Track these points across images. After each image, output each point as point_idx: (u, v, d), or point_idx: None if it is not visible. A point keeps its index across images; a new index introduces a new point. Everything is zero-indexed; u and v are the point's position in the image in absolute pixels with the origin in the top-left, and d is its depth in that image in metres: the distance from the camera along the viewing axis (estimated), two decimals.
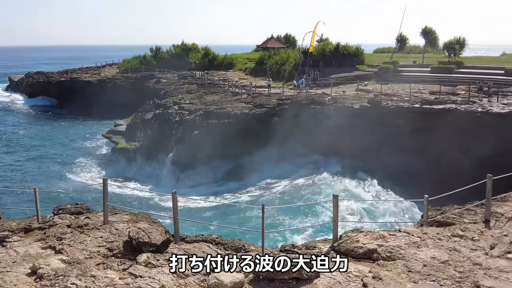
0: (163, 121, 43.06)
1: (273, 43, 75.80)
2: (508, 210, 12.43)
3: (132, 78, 71.85)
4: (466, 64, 54.51)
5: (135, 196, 34.79)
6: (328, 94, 42.14)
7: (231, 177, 36.80)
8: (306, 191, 33.43)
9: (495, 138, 30.63)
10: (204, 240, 10.94)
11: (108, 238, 10.63)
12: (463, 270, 8.97)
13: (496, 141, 30.48)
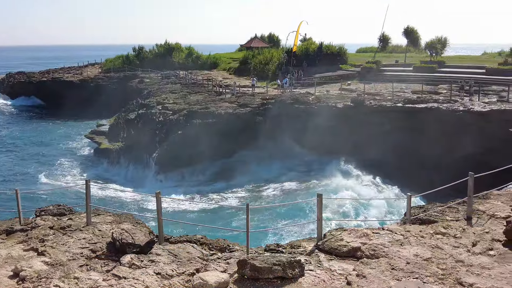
0: (146, 121, 42.80)
1: (256, 43, 75.82)
2: (489, 208, 12.61)
3: (115, 78, 71.31)
4: (448, 64, 55.20)
5: (118, 197, 34.52)
6: (312, 93, 42.31)
7: (216, 177, 36.72)
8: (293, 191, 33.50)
9: (477, 136, 31.08)
10: (188, 240, 10.92)
11: (91, 239, 10.54)
12: (445, 267, 9.08)
13: (477, 140, 30.93)
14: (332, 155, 36.35)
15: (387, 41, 74.31)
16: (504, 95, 36.22)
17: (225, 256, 10.20)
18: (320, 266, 9.31)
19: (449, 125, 32.78)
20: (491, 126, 31.43)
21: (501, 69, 47.53)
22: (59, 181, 38.39)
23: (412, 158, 33.38)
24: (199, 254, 10.01)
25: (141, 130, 42.15)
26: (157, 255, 9.77)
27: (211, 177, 36.78)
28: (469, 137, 31.16)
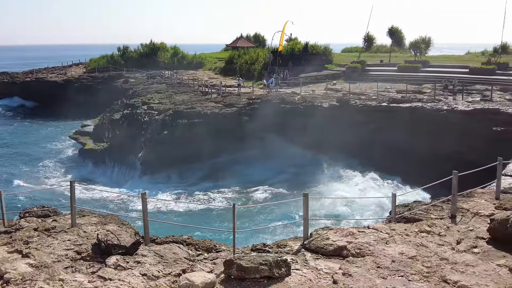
0: (131, 121, 42.55)
1: (242, 43, 75.82)
2: (473, 206, 12.75)
3: (99, 78, 70.78)
4: (432, 63, 55.73)
5: (103, 198, 34.27)
6: (297, 93, 42.41)
7: (202, 177, 36.61)
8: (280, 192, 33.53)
9: (461, 135, 31.43)
10: (174, 241, 10.86)
11: (76, 241, 10.44)
12: (430, 265, 9.16)
13: (461, 138, 31.28)
14: (320, 155, 36.50)
15: (371, 41, 74.70)
16: (488, 94, 36.65)
17: (211, 256, 10.18)
18: (306, 265, 9.34)
19: (434, 124, 33.10)
20: (474, 125, 31.79)
21: (484, 69, 48.12)
22: (43, 183, 38.01)
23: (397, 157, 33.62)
24: (185, 255, 9.98)
25: (126, 130, 41.90)
26: (143, 256, 9.71)
27: (197, 178, 36.66)
28: (453, 136, 31.50)
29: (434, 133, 32.77)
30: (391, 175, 33.60)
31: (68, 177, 38.24)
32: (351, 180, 34.14)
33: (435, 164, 30.59)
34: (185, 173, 36.93)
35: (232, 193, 34.10)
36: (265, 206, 31.02)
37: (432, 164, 31.20)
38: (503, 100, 34.65)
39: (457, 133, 31.64)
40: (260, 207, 30.80)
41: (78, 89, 67.80)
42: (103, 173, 39.55)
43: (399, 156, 33.48)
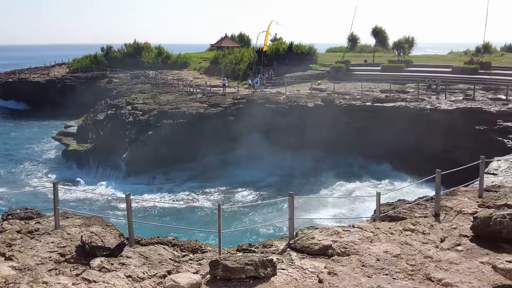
0: (115, 121, 42.24)
1: (227, 42, 75.75)
2: (457, 204, 12.89)
3: (82, 78, 70.17)
4: (415, 63, 56.27)
5: (87, 199, 33.97)
6: (282, 93, 42.48)
7: (188, 178, 36.48)
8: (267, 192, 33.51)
9: (444, 134, 31.77)
10: (159, 242, 10.80)
11: (60, 243, 10.33)
12: (414, 263, 9.24)
13: (445, 137, 31.62)
14: (306, 154, 36.60)
15: (356, 41, 75.18)
16: (470, 93, 37.10)
17: (197, 257, 10.14)
18: (292, 265, 9.35)
19: (417, 123, 33.39)
20: (457, 124, 32.16)
21: (467, 68, 48.71)
22: (26, 184, 37.55)
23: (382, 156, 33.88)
24: (170, 256, 9.93)
25: (110, 131, 41.59)
26: (127, 257, 9.64)
27: (182, 178, 36.51)
28: (437, 135, 31.83)
29: (417, 132, 33.07)
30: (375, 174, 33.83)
31: (51, 179, 37.82)
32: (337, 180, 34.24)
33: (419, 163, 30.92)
34: (170, 173, 36.75)
35: (218, 194, 34.03)
36: (251, 206, 31.02)
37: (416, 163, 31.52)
38: (485, 99, 35.10)
39: (440, 132, 31.98)
40: (246, 208, 30.79)
41: (61, 89, 67.21)
42: (87, 174, 39.20)
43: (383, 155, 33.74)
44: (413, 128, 33.17)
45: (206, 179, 35.90)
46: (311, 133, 35.10)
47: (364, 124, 35.28)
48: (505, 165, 19.55)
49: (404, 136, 33.01)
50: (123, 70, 68.87)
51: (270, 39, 60.79)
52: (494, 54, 63.93)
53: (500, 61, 55.93)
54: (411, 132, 33.09)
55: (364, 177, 33.96)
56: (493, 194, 13.95)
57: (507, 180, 16.62)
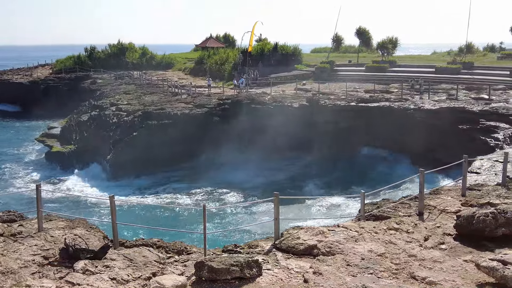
0: (99, 123, 41.90)
1: (212, 43, 75.59)
2: (440, 203, 13.01)
3: (66, 79, 69.41)
4: (399, 63, 56.73)
5: (71, 201, 33.63)
6: (268, 93, 42.53)
7: (173, 179, 36.32)
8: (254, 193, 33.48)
9: (428, 133, 32.06)
10: (144, 244, 10.74)
11: (43, 246, 10.22)
12: (399, 262, 9.31)
13: (428, 137, 31.91)
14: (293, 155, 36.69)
15: (340, 41, 75.59)
16: (453, 93, 37.49)
17: (182, 258, 10.11)
18: (277, 265, 9.36)
19: (401, 123, 33.66)
20: (440, 123, 32.48)
21: (450, 68, 49.24)
22: (8, 186, 37.06)
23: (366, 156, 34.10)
24: (155, 258, 9.88)
25: (94, 132, 41.25)
26: (112, 260, 9.57)
27: (167, 180, 36.34)
28: (421, 134, 32.11)
29: (401, 131, 33.33)
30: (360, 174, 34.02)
31: (34, 181, 37.39)
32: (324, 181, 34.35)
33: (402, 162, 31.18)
34: (154, 175, 36.52)
35: (203, 195, 33.91)
36: (236, 207, 30.98)
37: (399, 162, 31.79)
38: (468, 99, 35.49)
39: (424, 131, 32.26)
40: (232, 208, 30.75)
41: (44, 90, 66.48)
42: (71, 176, 38.81)
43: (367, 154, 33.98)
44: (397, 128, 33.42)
45: (191, 180, 35.75)
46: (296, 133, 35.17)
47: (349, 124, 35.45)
48: (488, 164, 19.80)
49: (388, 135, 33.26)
50: (107, 71, 68.32)
51: (255, 39, 60.92)
52: (477, 54, 64.77)
53: (483, 61, 56.66)
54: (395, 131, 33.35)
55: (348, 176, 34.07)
56: (476, 193, 14.12)
57: (489, 179, 16.83)
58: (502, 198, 13.25)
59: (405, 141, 32.92)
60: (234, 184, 34.92)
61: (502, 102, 33.34)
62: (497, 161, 19.62)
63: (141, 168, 36.03)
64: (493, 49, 75.31)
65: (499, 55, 62.69)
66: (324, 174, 34.97)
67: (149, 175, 36.37)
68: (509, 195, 13.66)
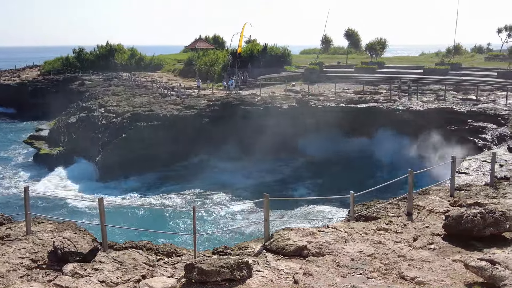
0: (88, 124, 41.66)
1: (201, 44, 75.50)
2: (429, 203, 13.10)
3: (54, 81, 68.88)
4: (388, 64, 57.03)
5: (59, 204, 33.38)
6: (257, 94, 42.54)
7: (162, 181, 36.19)
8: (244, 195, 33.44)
9: (416, 134, 32.27)
10: (133, 246, 10.69)
11: (32, 249, 10.13)
12: (388, 262, 9.35)
13: (416, 137, 32.12)
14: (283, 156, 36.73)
15: (329, 43, 75.94)
16: (441, 94, 37.76)
17: (172, 260, 10.07)
18: (267, 266, 9.36)
19: (389, 123, 33.85)
20: (429, 124, 32.70)
21: (438, 69, 49.61)
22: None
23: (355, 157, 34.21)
24: (145, 260, 9.83)
25: (83, 134, 41.02)
26: (101, 262, 9.51)
27: (157, 181, 36.20)
28: (409, 135, 32.30)
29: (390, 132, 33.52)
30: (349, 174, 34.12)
31: (22, 183, 37.06)
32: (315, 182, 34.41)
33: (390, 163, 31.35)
34: (144, 176, 36.36)
35: (193, 197, 33.83)
36: (227, 208, 30.94)
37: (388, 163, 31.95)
38: (456, 100, 35.77)
39: (412, 132, 32.46)
40: (222, 210, 30.70)
41: (32, 92, 65.96)
42: (59, 178, 38.53)
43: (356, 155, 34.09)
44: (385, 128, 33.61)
45: (181, 182, 35.66)
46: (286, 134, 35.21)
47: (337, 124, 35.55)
48: (476, 164, 19.98)
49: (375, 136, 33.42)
50: (95, 72, 67.92)
51: (245, 40, 60.90)
52: (464, 55, 65.34)
53: (470, 62, 57.16)
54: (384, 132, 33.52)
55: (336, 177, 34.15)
56: (464, 193, 14.23)
57: (478, 179, 16.98)
58: (490, 198, 13.37)
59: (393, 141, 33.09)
60: (224, 186, 34.87)
61: (489, 103, 33.64)
62: (485, 161, 19.81)
63: (130, 170, 35.86)
64: (480, 50, 76.03)
65: (486, 56, 63.32)
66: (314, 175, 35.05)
67: (138, 177, 36.22)
68: (497, 195, 13.79)
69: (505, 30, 65.23)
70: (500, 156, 20.40)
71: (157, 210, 31.07)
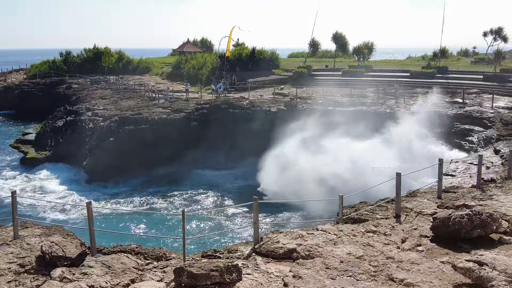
0: (75, 128, 41.37)
1: (189, 47, 75.46)
2: (416, 205, 13.20)
3: (41, 84, 68.33)
4: (375, 68, 57.43)
5: (47, 208, 33.07)
6: (246, 98, 42.59)
7: (151, 184, 36.03)
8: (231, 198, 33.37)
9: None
10: (122, 250, 10.63)
11: (20, 253, 10.03)
12: (377, 264, 9.40)
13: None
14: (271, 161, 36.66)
15: (317, 46, 76.26)
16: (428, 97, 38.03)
17: (161, 264, 10.03)
18: (257, 269, 9.36)
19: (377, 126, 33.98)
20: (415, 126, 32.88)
21: (424, 72, 50.03)
22: None
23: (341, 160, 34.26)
24: (134, 264, 9.78)
25: (70, 137, 40.71)
26: (89, 267, 9.45)
27: (145, 185, 36.02)
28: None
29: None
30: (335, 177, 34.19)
31: (9, 187, 36.65)
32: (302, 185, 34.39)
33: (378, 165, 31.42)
34: (132, 180, 36.18)
35: (182, 200, 33.71)
36: (216, 212, 30.88)
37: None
38: (443, 103, 36.07)
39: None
40: (211, 213, 30.63)
41: (19, 96, 65.38)
42: (47, 182, 38.19)
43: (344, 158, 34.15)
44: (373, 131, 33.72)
45: (170, 185, 35.54)
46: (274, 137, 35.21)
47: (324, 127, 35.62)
48: (463, 166, 20.17)
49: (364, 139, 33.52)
50: (82, 76, 67.54)
51: (233, 44, 60.90)
52: (451, 59, 65.95)
53: (457, 65, 57.76)
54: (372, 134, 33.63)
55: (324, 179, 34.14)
56: (451, 195, 14.36)
57: (465, 181, 17.15)
58: (477, 200, 13.51)
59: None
60: (213, 189, 34.82)
61: (476, 106, 33.99)
62: (472, 163, 20.01)
63: (118, 173, 35.66)
64: (466, 54, 76.81)
65: (472, 60, 64.00)
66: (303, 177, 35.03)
67: (126, 181, 36.03)
68: (484, 197, 13.94)
69: (490, 34, 65.94)
70: (487, 159, 20.62)
71: (146, 213, 30.92)
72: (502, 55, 50.01)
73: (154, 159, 36.02)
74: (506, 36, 65.58)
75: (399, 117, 33.27)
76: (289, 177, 30.28)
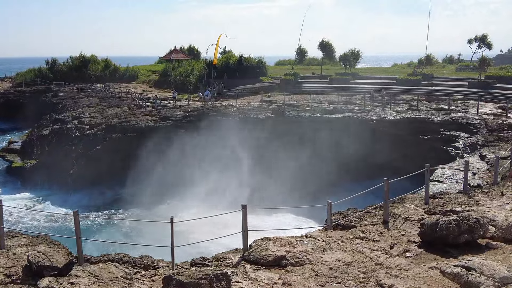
0: (61, 137, 41.03)
1: (176, 55, 75.30)
2: (404, 211, 13.27)
3: (27, 92, 67.68)
4: (361, 75, 57.83)
5: (33, 217, 32.72)
6: (233, 105, 42.62)
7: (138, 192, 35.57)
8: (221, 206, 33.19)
9: (390, 143, 32.67)
10: (110, 259, 10.54)
11: (6, 263, 9.90)
12: (366, 271, 9.42)
13: (391, 147, 32.52)
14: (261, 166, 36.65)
15: (304, 54, 76.64)
16: (414, 104, 38.37)
17: (149, 273, 9.97)
18: (246, 277, 9.34)
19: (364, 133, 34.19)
20: (402, 133, 33.17)
21: (410, 79, 50.47)
22: None
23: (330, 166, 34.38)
24: (122, 274, 9.70)
25: (56, 146, 40.36)
26: (77, 276, 9.34)
27: (133, 193, 35.70)
28: (384, 144, 32.69)
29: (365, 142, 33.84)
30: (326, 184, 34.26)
31: None
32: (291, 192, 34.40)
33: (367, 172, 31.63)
34: (119, 188, 35.89)
35: (170, 208, 33.50)
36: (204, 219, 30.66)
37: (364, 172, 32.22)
38: (429, 109, 36.40)
39: (387, 141, 32.86)
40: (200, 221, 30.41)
41: (4, 104, 64.73)
42: (33, 192, 37.80)
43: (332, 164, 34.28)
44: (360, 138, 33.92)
45: (158, 193, 35.29)
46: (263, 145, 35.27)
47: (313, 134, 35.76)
48: (449, 172, 20.36)
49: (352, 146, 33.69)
50: (68, 84, 67.10)
51: (220, 51, 61.04)
52: (436, 66, 66.69)
53: (442, 73, 58.34)
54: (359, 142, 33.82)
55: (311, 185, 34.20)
56: (438, 201, 14.47)
57: (451, 187, 17.30)
58: (464, 206, 13.62)
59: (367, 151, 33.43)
60: (201, 196, 34.64)
61: (461, 112, 34.33)
62: (458, 169, 20.20)
63: (105, 182, 35.42)
64: (451, 61, 77.68)
65: (457, 67, 64.71)
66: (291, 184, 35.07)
67: (113, 189, 35.77)
68: (471, 202, 14.06)
69: (475, 41, 66.88)
70: (473, 164, 20.83)
71: (134, 222, 30.71)
72: (486, 62, 50.61)
73: (141, 167, 35.73)
74: (490, 43, 66.54)
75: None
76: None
